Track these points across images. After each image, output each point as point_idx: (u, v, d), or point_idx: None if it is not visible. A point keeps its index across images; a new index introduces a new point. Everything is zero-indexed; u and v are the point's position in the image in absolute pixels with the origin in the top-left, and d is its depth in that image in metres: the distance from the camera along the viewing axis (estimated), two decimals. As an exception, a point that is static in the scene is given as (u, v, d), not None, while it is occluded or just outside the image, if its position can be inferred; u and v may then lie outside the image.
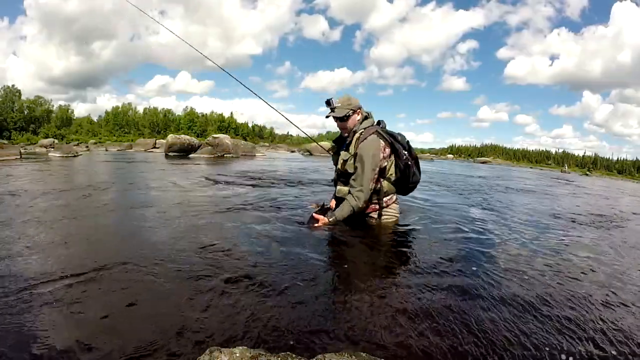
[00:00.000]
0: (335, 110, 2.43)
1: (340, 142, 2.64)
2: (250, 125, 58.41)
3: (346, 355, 0.92)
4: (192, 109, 53.05)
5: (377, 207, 2.51)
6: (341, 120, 2.44)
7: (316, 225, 2.34)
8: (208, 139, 14.57)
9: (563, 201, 5.43)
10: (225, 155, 13.31)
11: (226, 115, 54.68)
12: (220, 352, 0.89)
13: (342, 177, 2.52)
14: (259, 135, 56.31)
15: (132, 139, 32.54)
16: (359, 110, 2.47)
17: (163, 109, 52.54)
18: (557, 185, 9.06)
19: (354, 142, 2.41)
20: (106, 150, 20.85)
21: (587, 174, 21.59)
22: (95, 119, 50.59)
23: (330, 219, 2.34)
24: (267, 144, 40.66)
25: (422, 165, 2.68)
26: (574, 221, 3.50)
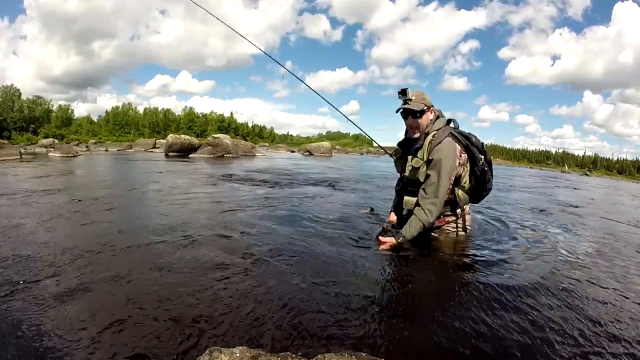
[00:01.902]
0: (411, 102, 2.04)
1: (405, 145, 2.27)
2: (250, 125, 58.43)
3: (346, 355, 0.92)
4: (192, 108, 53.06)
5: (454, 218, 2.20)
6: (414, 116, 2.07)
7: (382, 247, 2.01)
8: (208, 139, 14.58)
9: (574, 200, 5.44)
10: (225, 155, 13.32)
11: (226, 115, 54.70)
12: (220, 352, 0.89)
13: (411, 185, 2.17)
14: (259, 135, 56.30)
15: (132, 139, 32.53)
16: (432, 108, 2.11)
17: (163, 108, 52.54)
18: (560, 186, 9.06)
19: (426, 145, 2.06)
20: (106, 150, 20.85)
21: (587, 174, 21.60)
22: (95, 119, 50.56)
23: (399, 240, 1.99)
24: (267, 144, 40.68)
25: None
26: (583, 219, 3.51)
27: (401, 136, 2.53)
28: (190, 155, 12.96)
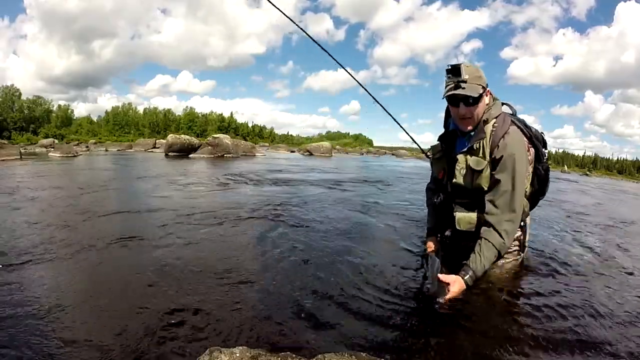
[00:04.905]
0: (466, 85, 1.46)
1: (448, 140, 1.70)
2: (250, 125, 58.45)
3: (346, 355, 0.92)
4: (192, 108, 53.07)
5: (519, 235, 1.68)
6: (468, 103, 1.49)
7: (450, 296, 1.34)
8: (208, 139, 14.58)
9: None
10: (225, 155, 13.32)
11: (226, 115, 54.73)
12: (220, 352, 0.89)
13: (462, 196, 1.60)
14: (259, 135, 56.28)
15: (132, 139, 32.50)
16: (488, 90, 1.56)
17: (163, 109, 52.56)
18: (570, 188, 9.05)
19: (487, 138, 1.51)
20: (106, 150, 20.84)
21: (587, 174, 21.58)
22: (95, 119, 50.58)
23: (466, 278, 1.37)
24: (267, 144, 40.64)
25: (423, 165, 1.91)
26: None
27: (402, 137, 2.30)
28: (190, 155, 12.96)
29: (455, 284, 1.34)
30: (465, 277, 1.36)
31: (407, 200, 4.11)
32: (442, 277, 1.35)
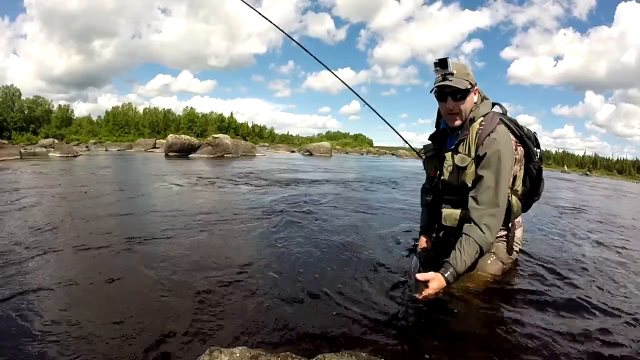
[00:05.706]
0: (453, 78, 1.51)
1: (439, 139, 1.74)
2: (250, 125, 58.45)
3: (346, 355, 0.92)
4: (192, 108, 53.09)
5: (504, 233, 1.66)
6: (456, 97, 1.53)
7: (427, 293, 1.32)
8: (208, 139, 14.62)
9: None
10: (225, 155, 13.33)
11: (226, 115, 54.75)
12: (220, 352, 0.89)
13: (451, 193, 1.62)
14: (259, 135, 56.28)
15: (132, 139, 32.53)
16: (476, 87, 1.60)
17: (163, 109, 52.58)
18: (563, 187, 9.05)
19: (472, 136, 1.54)
20: (106, 150, 20.86)
21: (587, 174, 21.61)
22: (96, 119, 50.58)
23: (447, 275, 1.35)
24: (267, 144, 40.65)
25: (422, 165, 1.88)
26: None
27: (404, 137, 2.25)
28: (190, 155, 12.99)
29: (434, 281, 1.33)
30: (446, 275, 1.35)
31: (417, 199, 4.10)
32: (420, 275, 1.34)
